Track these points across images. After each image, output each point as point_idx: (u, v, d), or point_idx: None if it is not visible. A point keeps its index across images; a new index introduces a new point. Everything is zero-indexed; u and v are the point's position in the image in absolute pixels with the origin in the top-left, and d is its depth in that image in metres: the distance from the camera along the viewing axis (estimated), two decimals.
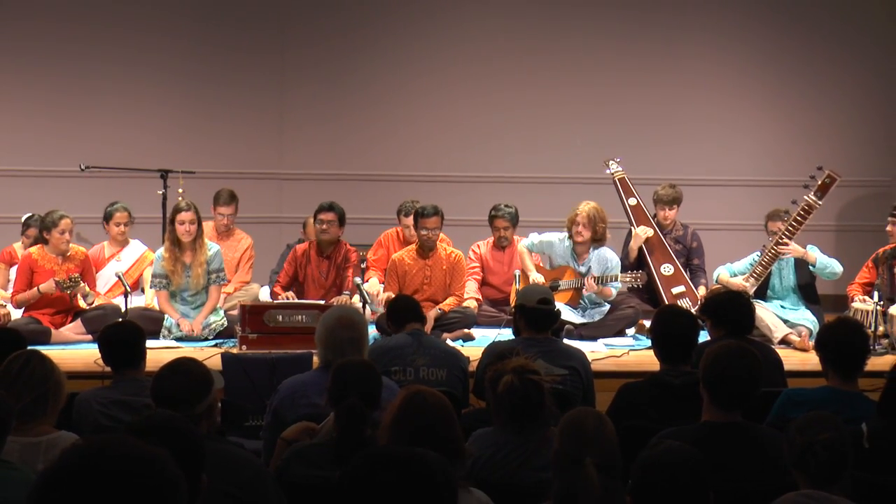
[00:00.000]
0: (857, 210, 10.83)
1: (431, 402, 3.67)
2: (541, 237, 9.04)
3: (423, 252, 8.74)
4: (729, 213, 10.69)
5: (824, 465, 3.59)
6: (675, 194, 9.44)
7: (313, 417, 4.72)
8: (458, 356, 6.07)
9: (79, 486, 1.98)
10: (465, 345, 8.15)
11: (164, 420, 3.23)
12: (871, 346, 6.37)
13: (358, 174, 10.93)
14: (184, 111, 10.85)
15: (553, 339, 6.05)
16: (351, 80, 10.95)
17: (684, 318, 5.48)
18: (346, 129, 10.98)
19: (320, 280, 8.80)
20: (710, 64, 10.91)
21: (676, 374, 5.19)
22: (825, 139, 10.77)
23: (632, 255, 9.31)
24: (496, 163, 10.91)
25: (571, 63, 10.93)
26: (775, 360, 6.02)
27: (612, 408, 5.16)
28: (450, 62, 10.95)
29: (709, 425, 4.27)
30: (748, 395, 4.28)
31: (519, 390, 4.18)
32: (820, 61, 10.87)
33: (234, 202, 9.59)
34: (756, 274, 8.65)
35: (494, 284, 9.33)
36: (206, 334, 8.32)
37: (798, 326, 8.42)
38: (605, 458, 3.45)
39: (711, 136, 10.91)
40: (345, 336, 5.13)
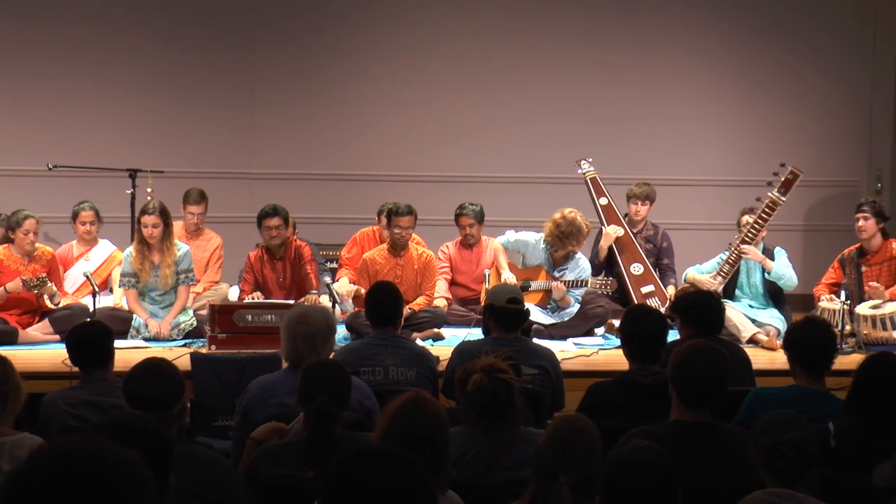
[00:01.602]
0: (825, 210, 10.89)
1: (430, 412, 3.67)
2: (517, 236, 9.06)
3: (395, 251, 8.74)
4: (699, 212, 10.74)
5: (791, 464, 3.61)
6: (649, 191, 9.51)
7: (282, 417, 4.72)
8: (427, 356, 6.07)
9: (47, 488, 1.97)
10: (434, 344, 8.15)
11: (131, 420, 3.22)
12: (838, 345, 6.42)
13: (328, 174, 10.91)
14: (153, 111, 10.79)
15: (523, 339, 6.06)
16: (321, 80, 10.93)
17: (653, 317, 5.50)
18: (316, 128, 10.96)
19: (279, 281, 8.78)
20: (681, 64, 10.95)
21: (645, 373, 5.21)
22: (794, 139, 10.84)
23: (601, 254, 9.35)
24: (467, 162, 10.92)
25: (543, 62, 10.95)
26: (744, 359, 6.05)
27: (581, 407, 5.17)
28: (420, 62, 10.94)
29: (677, 424, 4.29)
30: (716, 395, 4.30)
31: (488, 389, 4.18)
32: (790, 62, 10.93)
33: (203, 201, 9.56)
34: (723, 272, 8.71)
35: (463, 283, 9.34)
36: (174, 334, 8.29)
37: (766, 326, 8.47)
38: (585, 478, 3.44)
39: (682, 136, 10.95)
40: (299, 332, 5.14)
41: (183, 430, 4.07)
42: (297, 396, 4.33)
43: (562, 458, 3.50)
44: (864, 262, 8.57)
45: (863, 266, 8.56)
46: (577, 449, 3.54)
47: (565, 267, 8.86)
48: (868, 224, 8.50)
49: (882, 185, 10.91)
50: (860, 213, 8.54)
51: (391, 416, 3.62)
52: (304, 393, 4.28)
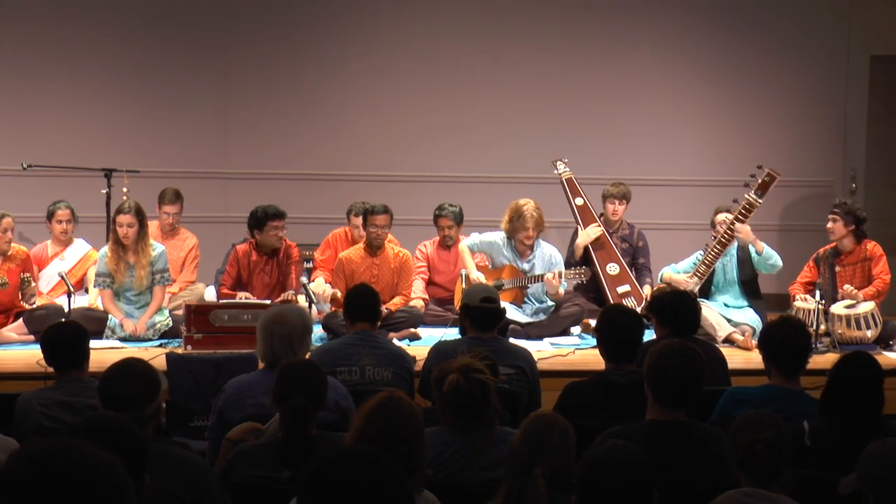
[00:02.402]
0: (800, 210, 10.94)
1: (405, 411, 3.66)
2: (481, 237, 9.05)
3: (371, 250, 8.73)
4: (675, 212, 10.76)
5: (766, 463, 3.63)
6: (625, 190, 9.54)
7: (259, 417, 4.71)
8: (404, 356, 6.07)
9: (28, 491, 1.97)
10: (411, 344, 8.16)
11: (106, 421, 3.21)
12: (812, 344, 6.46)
13: (304, 174, 10.89)
14: (128, 110, 10.75)
15: (499, 339, 6.07)
16: (296, 80, 10.91)
17: (629, 317, 5.52)
18: (292, 128, 10.94)
19: (265, 278, 8.78)
20: (658, 64, 10.97)
21: (621, 373, 5.23)
22: (770, 139, 10.87)
23: (577, 253, 9.37)
24: (443, 162, 10.92)
25: (519, 63, 10.95)
26: (719, 358, 6.07)
27: (557, 407, 5.17)
28: (396, 62, 10.93)
29: (653, 424, 4.30)
30: (691, 394, 4.32)
31: (464, 389, 4.19)
32: (765, 62, 10.96)
33: (179, 201, 9.54)
34: (699, 273, 8.74)
35: (440, 284, 9.35)
36: (150, 334, 8.27)
37: (741, 325, 8.51)
38: (559, 472, 3.45)
39: (658, 136, 10.97)
40: (275, 332, 5.14)
41: (159, 431, 4.06)
42: (272, 397, 4.33)
43: (535, 450, 3.51)
44: (838, 263, 8.61)
45: (837, 266, 8.60)
46: (549, 440, 3.54)
47: (532, 258, 8.84)
48: (836, 226, 8.53)
49: (856, 185, 10.96)
50: (831, 215, 8.58)
51: (365, 416, 3.62)
52: (279, 393, 4.27)
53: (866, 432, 4.27)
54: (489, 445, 4.17)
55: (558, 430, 3.59)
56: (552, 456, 3.49)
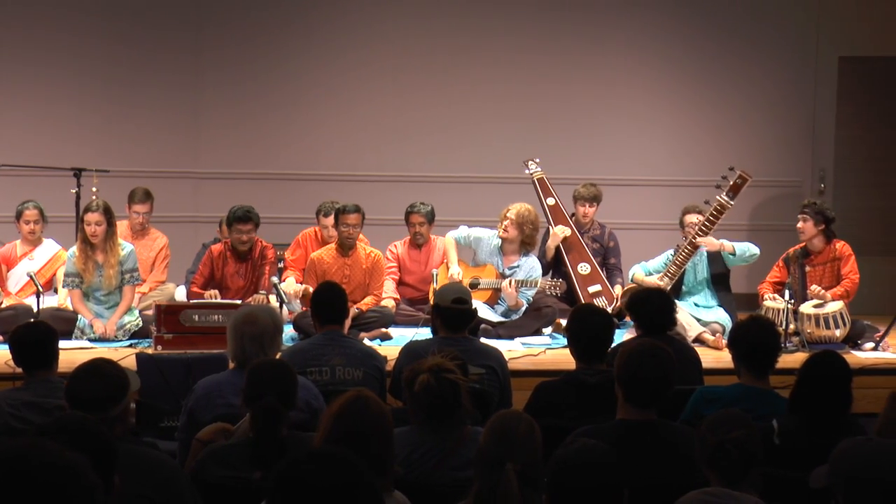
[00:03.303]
0: (770, 210, 10.99)
1: (373, 410, 3.65)
2: (470, 231, 9.09)
3: (343, 250, 8.72)
4: (646, 212, 10.79)
5: (735, 462, 3.65)
6: (596, 192, 9.55)
7: (229, 417, 4.70)
8: (374, 356, 6.06)
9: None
10: (382, 344, 8.15)
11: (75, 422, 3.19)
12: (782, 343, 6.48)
13: (275, 173, 10.87)
14: (98, 110, 10.70)
15: (470, 338, 6.06)
16: (267, 80, 10.88)
17: (600, 316, 5.53)
18: (262, 128, 10.91)
19: (238, 280, 8.75)
20: (628, 64, 11.00)
21: (592, 372, 5.24)
22: (740, 139, 10.92)
23: (549, 254, 9.39)
24: (414, 162, 10.91)
25: (490, 62, 10.96)
26: (694, 358, 6.10)
27: (528, 406, 5.18)
28: (367, 62, 10.92)
29: (623, 423, 4.32)
30: (661, 394, 4.33)
31: (435, 389, 4.19)
32: (735, 62, 11.01)
33: (149, 201, 9.50)
34: (670, 273, 8.77)
35: (411, 284, 9.34)
36: (120, 335, 8.22)
37: (711, 325, 8.55)
38: (528, 467, 3.46)
39: (629, 136, 10.99)
40: (246, 332, 5.13)
41: (128, 431, 4.04)
42: (242, 397, 4.32)
43: (503, 445, 3.52)
44: (808, 262, 8.66)
45: (807, 266, 8.65)
46: (516, 434, 3.56)
47: (516, 266, 8.88)
48: (807, 226, 8.58)
49: (825, 185, 11.03)
50: (800, 215, 8.64)
51: (333, 416, 3.61)
52: (249, 393, 4.26)
53: (834, 431, 4.30)
54: (460, 445, 4.17)
55: (524, 424, 3.61)
56: (520, 450, 3.51)
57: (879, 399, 4.18)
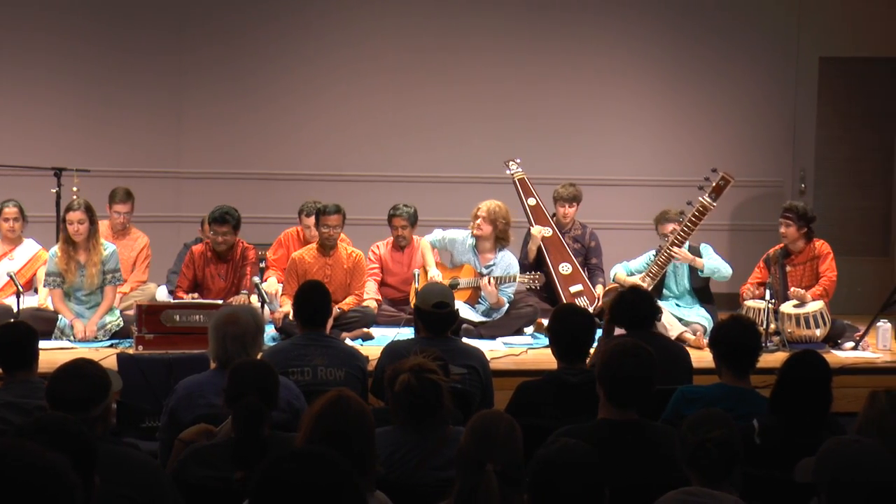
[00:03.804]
0: (751, 210, 11.02)
1: (355, 409, 3.65)
2: (444, 233, 9.09)
3: (324, 251, 8.71)
4: (627, 212, 10.80)
5: (716, 462, 3.66)
6: (575, 192, 9.54)
7: (211, 418, 4.69)
8: (356, 356, 6.06)
9: None
10: (364, 344, 8.15)
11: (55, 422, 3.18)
12: (762, 343, 6.52)
13: (257, 173, 10.86)
14: (79, 110, 10.67)
15: (452, 339, 6.06)
16: (249, 80, 10.86)
17: (581, 316, 5.53)
18: (245, 128, 10.89)
19: (219, 282, 8.73)
20: (609, 64, 11.01)
21: (573, 372, 5.25)
22: (721, 140, 10.94)
23: (530, 254, 9.40)
24: (396, 162, 10.91)
25: (472, 62, 10.96)
26: (682, 355, 6.11)
27: (510, 406, 5.19)
28: (348, 63, 10.91)
29: (605, 423, 4.32)
30: (643, 393, 4.34)
31: (416, 389, 4.19)
32: (716, 62, 11.03)
33: (130, 200, 9.46)
34: (652, 273, 8.79)
35: (393, 284, 9.34)
36: (101, 335, 8.19)
37: (693, 325, 8.57)
38: (509, 467, 3.46)
39: (611, 136, 11.01)
40: (228, 331, 5.11)
41: (109, 432, 4.03)
42: (224, 397, 4.32)
43: (484, 446, 3.52)
44: (788, 262, 8.68)
45: (787, 266, 8.68)
46: (497, 434, 3.56)
47: (493, 263, 8.90)
48: (790, 231, 8.59)
49: (805, 185, 11.06)
50: (783, 219, 8.63)
51: (315, 416, 3.61)
52: (231, 393, 4.26)
53: (815, 430, 4.32)
54: (442, 445, 4.17)
55: (504, 424, 3.61)
56: (500, 450, 3.51)
57: (859, 398, 4.19)
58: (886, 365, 7.94)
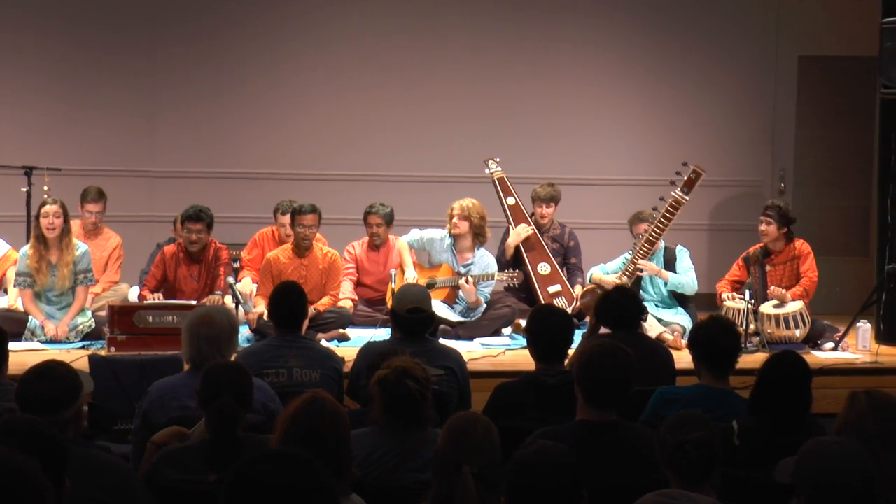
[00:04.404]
0: (730, 210, 11.03)
1: (330, 411, 3.66)
2: (422, 233, 9.10)
3: (299, 251, 8.69)
4: (606, 212, 10.80)
5: (695, 464, 3.66)
6: (553, 192, 9.54)
7: (184, 420, 4.68)
8: (332, 357, 6.05)
9: None
10: (340, 345, 8.14)
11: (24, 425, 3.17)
12: (742, 344, 6.54)
13: (232, 172, 10.82)
14: (50, 107, 10.62)
15: (429, 339, 6.06)
16: (225, 78, 10.83)
17: (559, 317, 5.54)
18: (220, 126, 10.85)
19: (192, 283, 8.69)
20: (588, 62, 11.02)
21: (552, 373, 5.25)
22: (700, 139, 10.94)
23: (508, 253, 9.40)
24: (373, 161, 10.89)
25: (450, 61, 10.95)
26: (665, 357, 6.14)
27: (487, 408, 5.19)
28: (325, 60, 10.89)
29: (583, 424, 4.32)
30: (621, 394, 4.34)
31: (403, 390, 4.19)
32: (695, 61, 11.05)
33: (102, 200, 9.42)
34: (628, 272, 8.80)
35: (369, 285, 9.33)
36: (72, 336, 8.15)
37: (672, 325, 8.58)
38: (486, 469, 3.47)
39: (590, 135, 11.02)
40: (202, 333, 5.10)
41: (80, 434, 4.01)
42: (197, 399, 4.30)
43: (460, 448, 3.53)
44: (768, 262, 8.71)
45: (767, 266, 8.70)
46: (473, 436, 3.57)
47: (471, 262, 8.91)
48: (770, 229, 8.61)
49: (785, 185, 11.10)
50: (764, 217, 8.66)
51: (289, 418, 3.62)
52: (204, 395, 4.25)
53: (795, 432, 4.34)
54: (420, 447, 4.17)
55: (481, 426, 3.62)
56: (477, 452, 3.52)
57: (839, 399, 4.20)
58: (866, 366, 7.98)
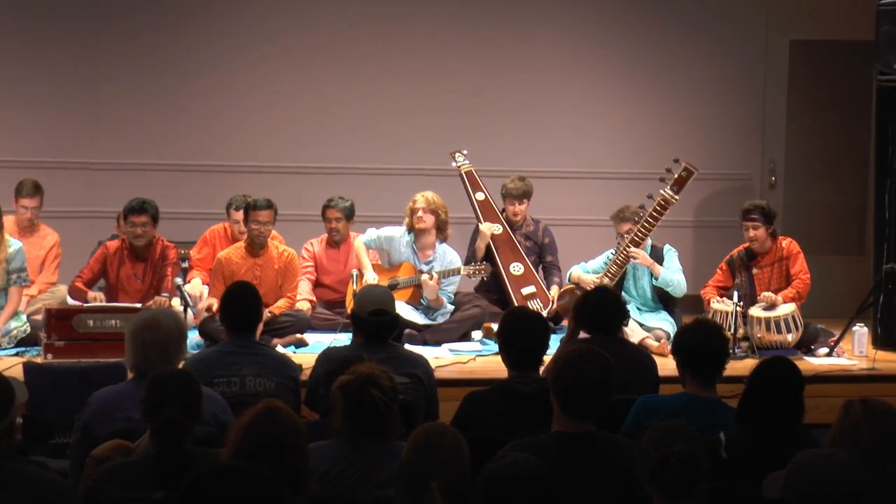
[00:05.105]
0: (717, 205, 11.06)
1: (286, 422, 3.67)
2: (379, 232, 9.09)
3: (253, 250, 8.66)
4: (583, 207, 10.83)
5: (679, 478, 3.67)
6: (525, 187, 9.51)
7: (128, 433, 4.66)
8: (288, 364, 6.05)
9: None
10: (297, 351, 8.14)
11: None
12: (729, 349, 6.55)
13: (181, 164, 10.77)
14: None
15: (393, 345, 6.07)
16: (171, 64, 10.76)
17: (534, 320, 5.54)
18: (167, 114, 10.78)
19: (136, 283, 8.65)
20: (564, 49, 11.03)
21: (525, 381, 5.25)
22: (684, 130, 10.97)
23: (479, 253, 9.39)
24: (333, 153, 10.86)
25: (415, 47, 10.93)
26: (648, 363, 6.16)
27: (456, 418, 5.20)
28: (280, 46, 10.82)
29: (559, 436, 4.33)
30: (600, 403, 4.34)
31: (362, 398, 4.19)
32: (678, 47, 11.08)
33: (38, 194, 9.35)
34: (611, 273, 8.80)
35: (329, 285, 9.32)
36: (5, 342, 8.11)
37: (655, 330, 8.60)
38: (455, 485, 3.47)
39: (565, 126, 11.02)
40: (148, 338, 5.09)
41: (13, 448, 3.98)
42: (142, 410, 4.29)
43: (427, 462, 3.53)
44: (754, 265, 8.71)
45: (753, 269, 8.71)
46: (440, 450, 3.57)
47: (432, 259, 8.90)
48: (759, 233, 8.58)
49: (775, 178, 11.13)
50: (750, 222, 8.58)
51: (243, 429, 3.63)
52: (150, 405, 4.24)
53: (786, 443, 4.36)
54: (383, 460, 4.17)
55: (449, 439, 3.62)
56: (445, 466, 3.52)
57: (833, 409, 4.22)
58: (862, 372, 8.01)
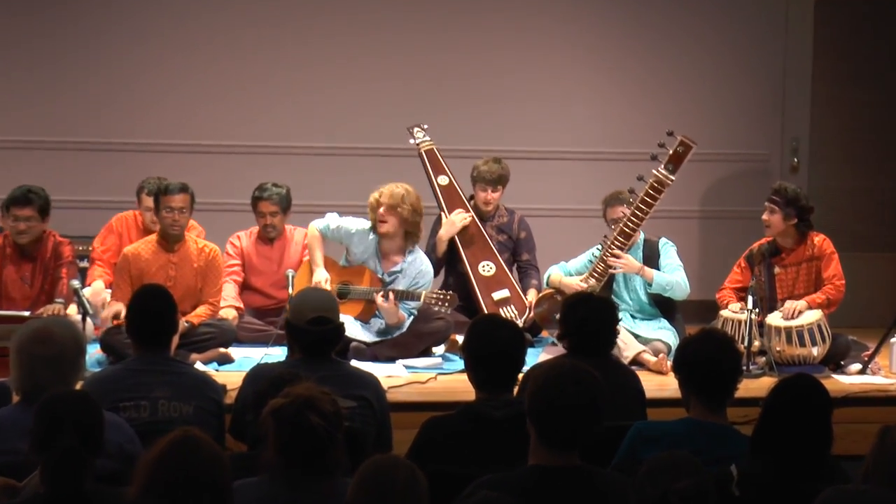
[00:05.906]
0: (729, 192, 11.08)
1: (206, 454, 3.70)
2: (340, 221, 8.99)
3: (167, 244, 8.65)
4: (568, 194, 10.82)
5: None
6: (502, 171, 9.47)
7: (13, 468, 4.67)
8: (210, 384, 6.05)
9: None
10: (220, 369, 8.15)
11: None
12: (743, 365, 6.58)
13: (80, 142, 10.74)
14: None
15: (337, 361, 6.06)
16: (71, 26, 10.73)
17: (507, 331, 5.53)
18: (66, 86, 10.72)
19: (22, 287, 8.62)
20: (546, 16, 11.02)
21: (497, 404, 5.26)
22: (689, 102, 10.95)
23: (440, 247, 9.36)
24: (266, 129, 10.83)
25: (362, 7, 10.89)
26: (634, 385, 6.16)
27: (413, 449, 5.20)
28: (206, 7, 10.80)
29: (537, 470, 4.33)
30: (586, 431, 4.34)
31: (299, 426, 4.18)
32: (681, 7, 11.09)
33: None
34: (597, 273, 8.80)
35: (259, 288, 9.31)
36: None
37: (653, 342, 8.62)
38: None
39: (547, 97, 11.03)
40: (37, 354, 5.10)
41: None
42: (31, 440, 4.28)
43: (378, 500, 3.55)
44: (776, 262, 8.73)
45: (775, 267, 8.72)
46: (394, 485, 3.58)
47: (398, 270, 8.82)
48: (774, 218, 8.59)
49: (798, 159, 11.13)
50: (768, 203, 8.61)
51: (153, 463, 3.64)
52: (40, 436, 4.24)
53: (810, 478, 4.37)
54: (325, 500, 4.18)
55: (404, 473, 3.62)
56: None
57: (868, 436, 4.24)
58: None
